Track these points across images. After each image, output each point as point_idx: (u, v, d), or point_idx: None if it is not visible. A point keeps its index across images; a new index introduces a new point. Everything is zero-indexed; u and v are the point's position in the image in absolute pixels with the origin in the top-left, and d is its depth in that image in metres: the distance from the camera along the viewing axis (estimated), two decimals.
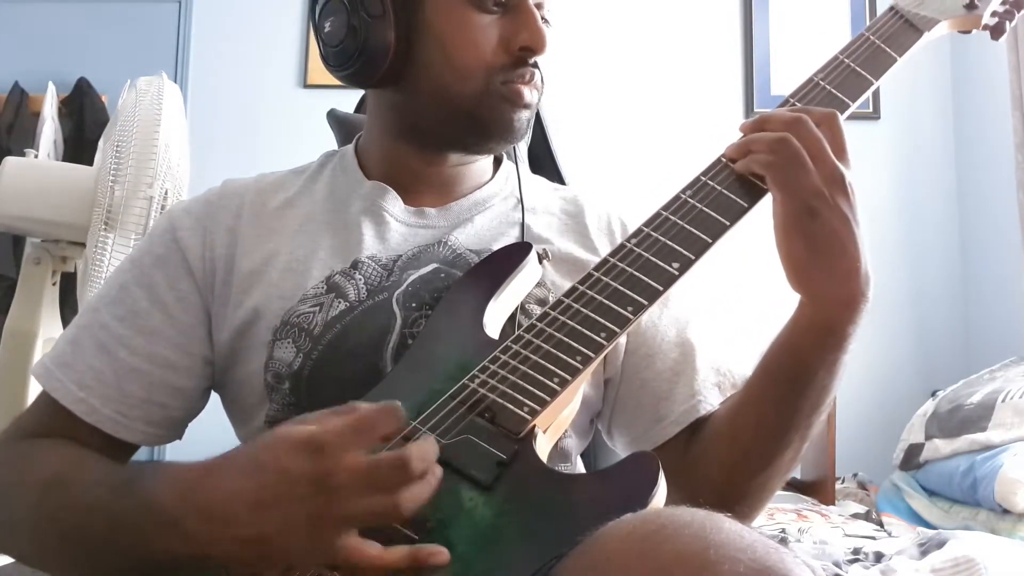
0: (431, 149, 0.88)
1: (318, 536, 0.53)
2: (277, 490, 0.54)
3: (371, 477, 0.53)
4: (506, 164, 0.96)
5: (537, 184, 0.97)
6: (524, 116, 0.84)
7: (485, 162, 0.93)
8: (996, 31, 0.86)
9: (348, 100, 1.28)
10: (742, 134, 0.75)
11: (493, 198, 0.91)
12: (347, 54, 0.83)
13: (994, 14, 0.85)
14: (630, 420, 0.86)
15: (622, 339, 0.84)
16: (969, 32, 0.86)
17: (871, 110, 3.00)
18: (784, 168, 0.69)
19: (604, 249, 0.88)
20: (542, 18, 0.83)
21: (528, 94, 0.83)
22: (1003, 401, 2.07)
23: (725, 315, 2.56)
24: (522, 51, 0.81)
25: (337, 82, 0.89)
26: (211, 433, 0.93)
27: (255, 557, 0.55)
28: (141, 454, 0.83)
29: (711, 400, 0.85)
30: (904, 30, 0.82)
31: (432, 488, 0.55)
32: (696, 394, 0.84)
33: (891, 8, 0.84)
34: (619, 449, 0.90)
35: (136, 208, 1.64)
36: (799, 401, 0.74)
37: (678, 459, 0.83)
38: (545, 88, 0.87)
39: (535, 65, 0.83)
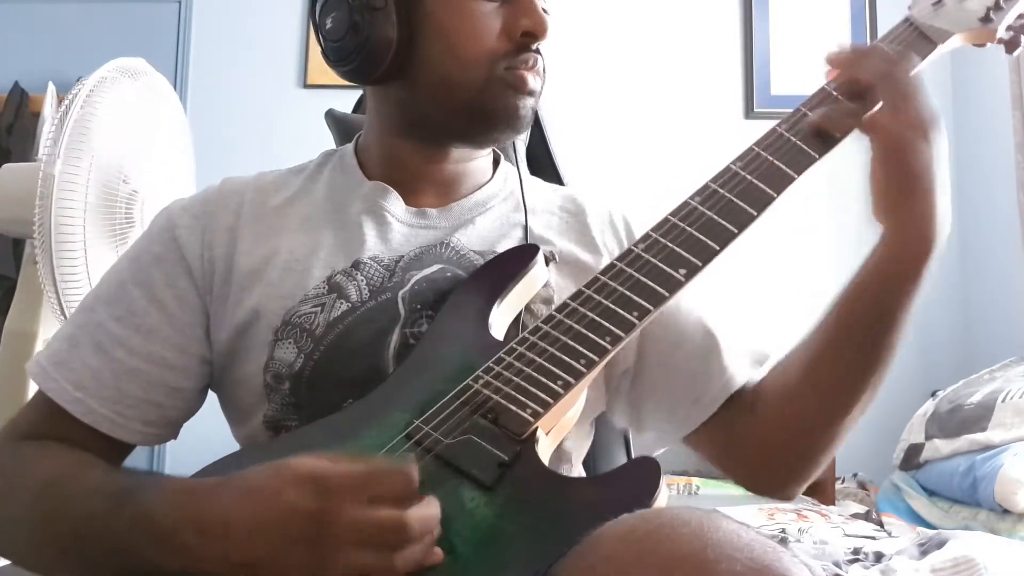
0: (433, 144, 0.88)
1: (310, 572, 0.53)
2: (274, 518, 0.54)
3: (369, 533, 0.53)
4: (504, 164, 0.96)
5: (535, 184, 0.97)
6: (528, 103, 0.84)
7: (484, 162, 0.93)
8: (1011, 45, 0.85)
9: (348, 100, 1.29)
10: (829, 65, 0.78)
11: (493, 199, 0.91)
12: (349, 50, 0.82)
13: (1009, 28, 0.84)
14: (667, 408, 0.86)
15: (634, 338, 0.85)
16: (983, 45, 0.86)
17: None
18: (902, 96, 0.72)
19: (608, 247, 0.88)
20: (542, 7, 0.83)
21: (532, 80, 0.83)
22: (1003, 401, 2.07)
23: (744, 296, 2.55)
24: (524, 37, 0.82)
25: (337, 82, 0.89)
26: (211, 433, 0.93)
27: None
28: (142, 453, 0.83)
29: (745, 372, 0.85)
30: (918, 41, 0.81)
31: (428, 551, 0.55)
32: (727, 368, 0.85)
33: (906, 19, 0.84)
34: (653, 439, 0.91)
35: (64, 199, 1.60)
36: (886, 338, 0.75)
37: (725, 438, 0.84)
38: (547, 77, 0.87)
39: (537, 51, 0.84)
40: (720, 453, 0.85)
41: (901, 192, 0.71)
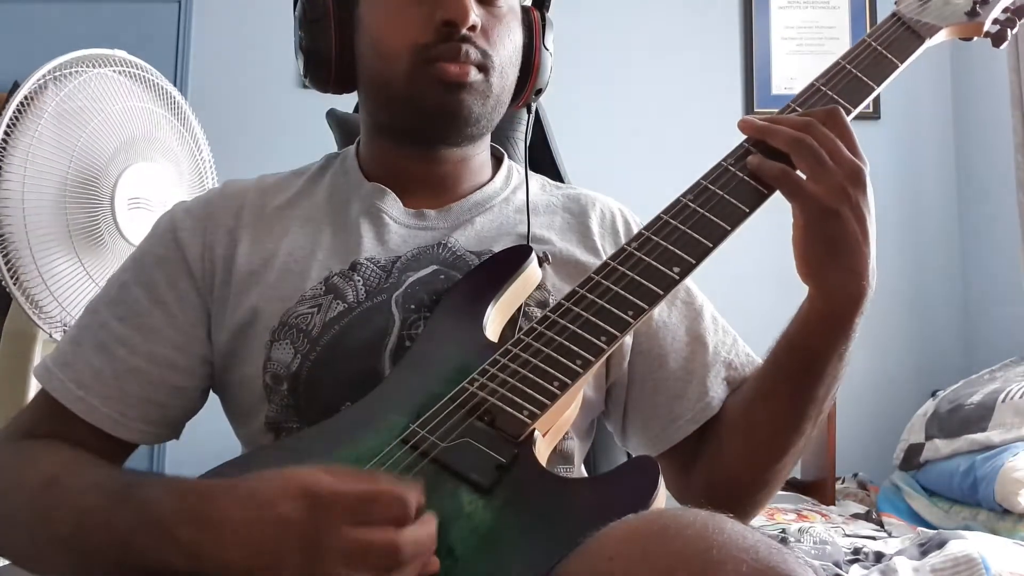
0: (406, 146, 0.88)
1: None
2: (268, 526, 0.54)
3: (361, 554, 0.53)
4: (507, 163, 0.96)
5: (540, 183, 0.96)
6: (465, 98, 0.81)
7: (483, 161, 0.93)
8: (997, 39, 0.86)
9: (348, 101, 1.28)
10: (743, 133, 0.75)
11: (494, 199, 0.91)
12: (304, 61, 0.86)
13: (995, 22, 0.85)
14: (645, 421, 0.86)
15: (628, 341, 0.85)
16: (970, 39, 0.86)
17: (871, 110, 3.00)
18: (817, 161, 0.69)
19: (608, 249, 0.88)
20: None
21: (458, 71, 0.80)
22: (1003, 401, 2.07)
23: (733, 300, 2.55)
24: (445, 27, 0.79)
25: None
26: (211, 433, 0.93)
27: None
28: (142, 452, 0.83)
29: (722, 395, 0.85)
30: (905, 36, 0.82)
31: (423, 571, 0.55)
32: (708, 391, 0.84)
33: (893, 14, 0.84)
34: (634, 449, 0.91)
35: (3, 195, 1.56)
36: (813, 392, 0.75)
37: (691, 454, 0.84)
38: (498, 66, 0.83)
39: (466, 40, 0.80)
40: (687, 465, 0.85)
41: (823, 258, 0.70)
